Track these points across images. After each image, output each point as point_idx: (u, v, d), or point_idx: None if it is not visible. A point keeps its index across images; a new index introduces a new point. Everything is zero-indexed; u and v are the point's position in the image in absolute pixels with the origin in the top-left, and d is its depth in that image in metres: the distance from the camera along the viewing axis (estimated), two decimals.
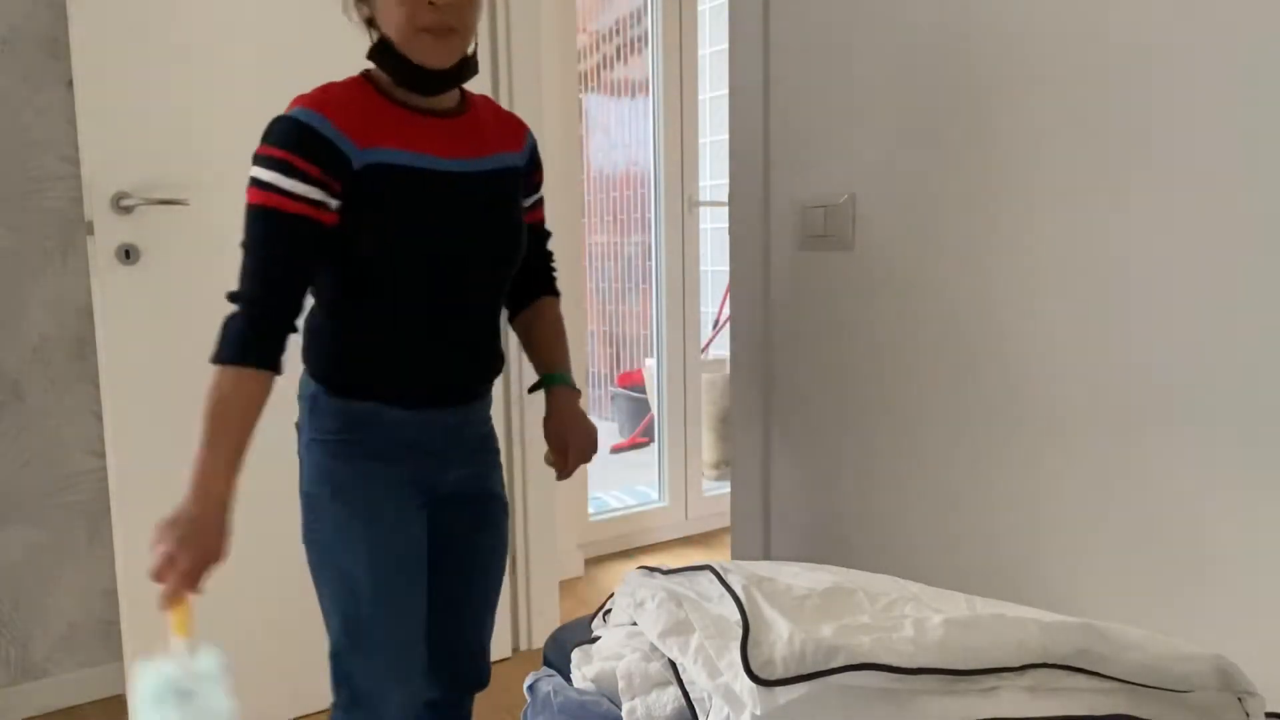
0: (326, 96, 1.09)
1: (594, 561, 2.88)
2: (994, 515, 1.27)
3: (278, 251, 1.06)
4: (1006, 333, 1.24)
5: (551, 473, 2.34)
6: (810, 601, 0.73)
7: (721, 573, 0.73)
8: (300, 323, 1.11)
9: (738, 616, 0.68)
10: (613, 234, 4.53)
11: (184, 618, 0.94)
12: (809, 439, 1.56)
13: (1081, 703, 0.67)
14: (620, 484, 3.46)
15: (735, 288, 1.67)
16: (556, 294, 1.40)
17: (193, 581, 0.99)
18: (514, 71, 2.17)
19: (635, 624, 0.82)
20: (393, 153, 1.09)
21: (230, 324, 1.04)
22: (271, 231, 1.05)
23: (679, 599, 0.73)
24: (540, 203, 1.34)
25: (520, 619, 2.32)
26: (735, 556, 1.75)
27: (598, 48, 4.36)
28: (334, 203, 1.06)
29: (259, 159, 1.05)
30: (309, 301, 1.15)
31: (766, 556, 1.68)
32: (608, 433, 4.39)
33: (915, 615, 0.71)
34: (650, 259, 3.11)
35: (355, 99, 1.10)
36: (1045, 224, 1.18)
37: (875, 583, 0.81)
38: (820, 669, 0.65)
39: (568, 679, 0.92)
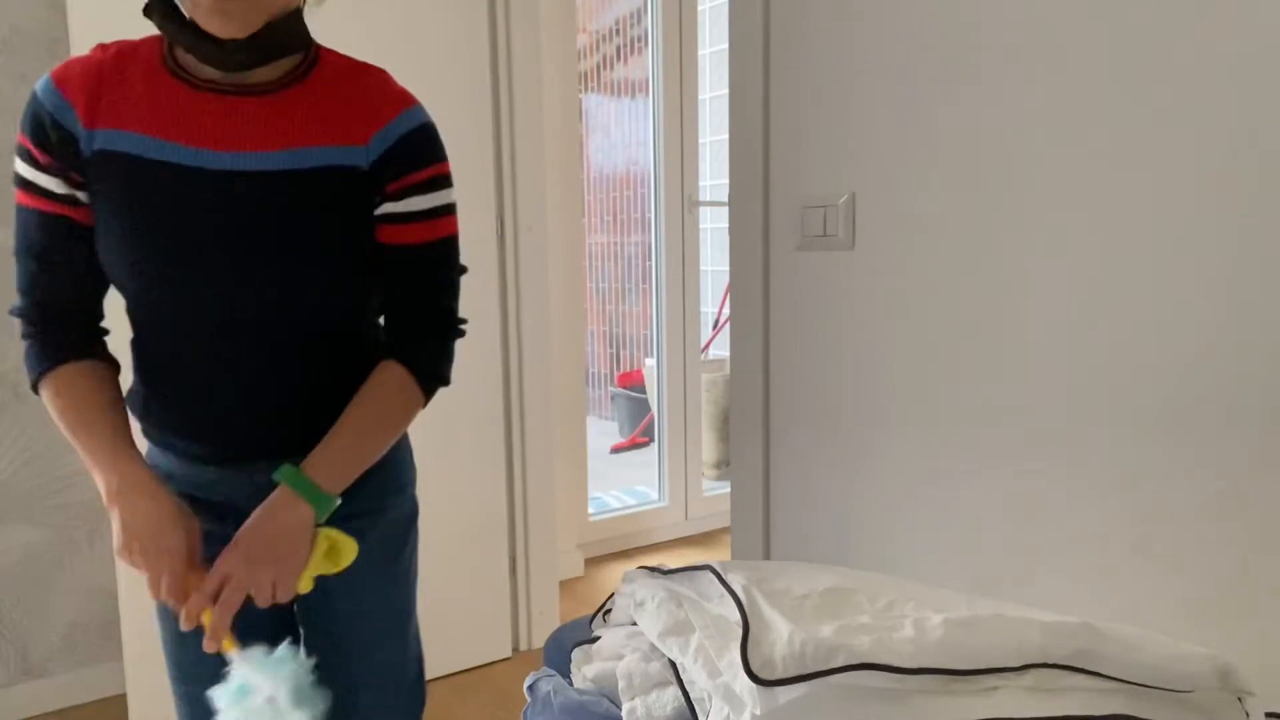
0: (83, 59, 0.91)
1: (594, 561, 2.88)
2: (995, 515, 1.27)
3: (37, 257, 0.91)
4: (1007, 332, 1.24)
5: (552, 472, 2.36)
6: (810, 601, 0.73)
7: (721, 573, 0.73)
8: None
9: (738, 616, 0.68)
10: (613, 234, 4.53)
11: (217, 628, 0.83)
12: (809, 439, 1.56)
13: (1081, 703, 0.67)
14: (620, 484, 3.46)
15: (735, 288, 1.67)
16: (410, 366, 1.00)
17: (179, 591, 0.85)
18: (514, 72, 2.17)
19: (635, 624, 0.82)
20: (122, 136, 0.88)
21: (25, 345, 0.93)
22: (26, 234, 0.91)
23: (679, 599, 0.73)
24: (413, 217, 0.97)
25: (520, 619, 2.32)
26: (735, 556, 1.75)
27: (598, 48, 4.36)
28: (82, 195, 0.89)
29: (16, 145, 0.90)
30: None
31: (766, 557, 1.68)
32: (608, 433, 4.39)
33: (915, 615, 0.71)
34: (650, 259, 3.11)
35: (117, 63, 0.91)
36: (1045, 224, 1.18)
37: (875, 583, 0.81)
38: (820, 669, 0.65)
39: (568, 679, 0.92)
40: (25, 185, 0.89)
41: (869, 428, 1.45)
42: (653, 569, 0.87)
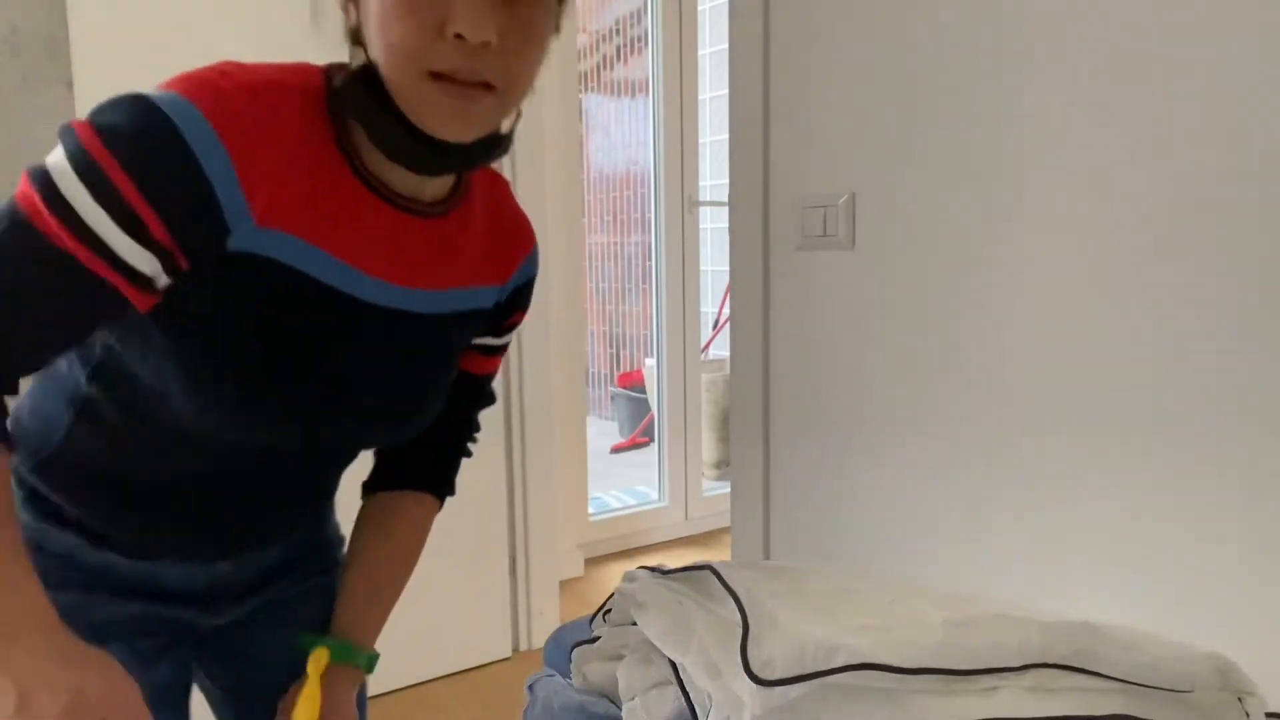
0: (246, 98, 0.67)
1: (594, 561, 2.88)
2: (996, 515, 1.27)
3: (35, 319, 0.63)
4: (1008, 332, 1.24)
5: (552, 472, 2.36)
6: (811, 601, 0.73)
7: (722, 573, 0.73)
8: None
9: (738, 617, 0.68)
10: (612, 234, 4.53)
11: None
12: (809, 439, 1.56)
13: (1081, 703, 0.67)
14: (620, 484, 3.46)
15: (735, 288, 1.67)
16: (440, 495, 0.98)
17: None
18: None
19: (635, 624, 0.82)
20: (298, 245, 0.70)
21: None
22: (41, 276, 0.62)
23: (679, 599, 0.73)
24: (499, 351, 0.94)
25: (520, 619, 2.32)
26: (735, 557, 1.75)
27: (598, 48, 4.36)
28: (164, 280, 0.66)
29: (75, 154, 0.62)
30: None
31: (766, 557, 1.68)
32: (608, 433, 4.39)
33: (915, 615, 0.71)
34: (650, 259, 3.11)
35: (293, 124, 0.70)
36: (1046, 223, 1.18)
37: (875, 583, 0.81)
38: (820, 669, 0.65)
39: (568, 679, 0.92)
40: (85, 235, 0.61)
41: (870, 428, 1.45)
42: (653, 569, 0.87)
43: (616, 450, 4.21)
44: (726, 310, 3.83)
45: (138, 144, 0.62)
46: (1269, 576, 1.00)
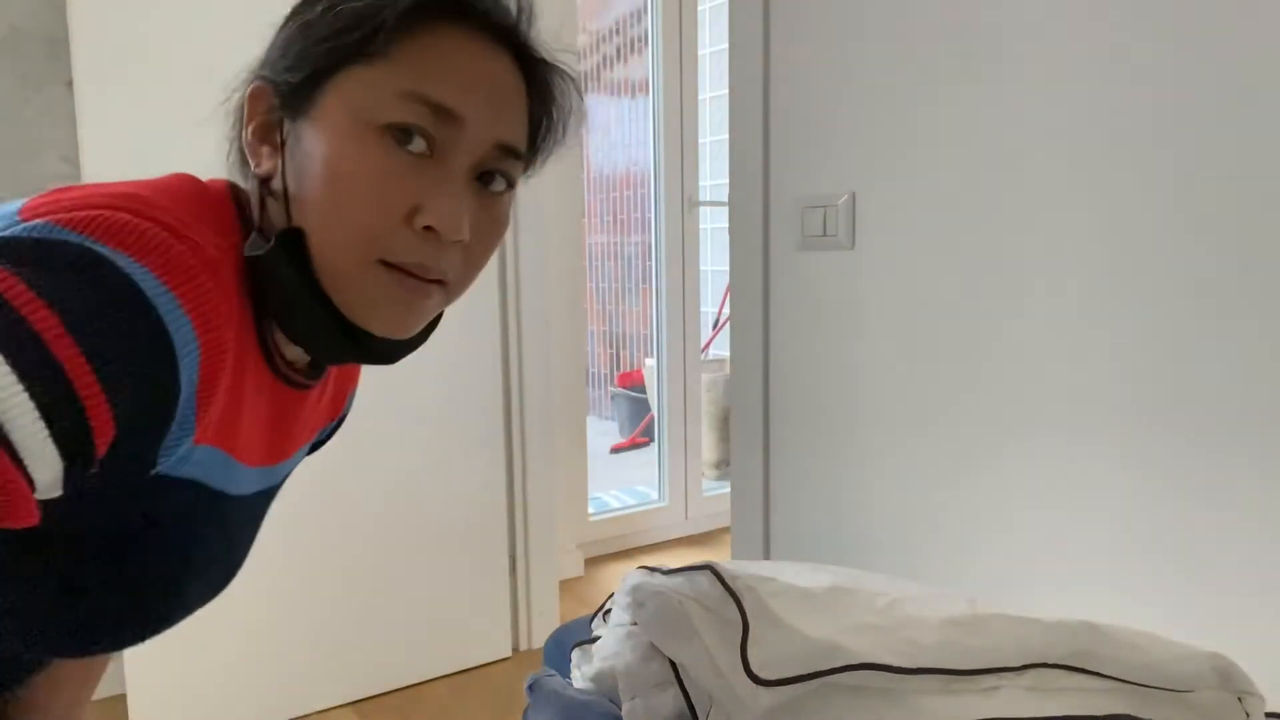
0: (208, 273, 0.52)
1: (594, 561, 2.88)
2: (996, 515, 1.27)
3: None
4: (1008, 332, 1.24)
5: (552, 471, 2.36)
6: (810, 601, 0.73)
7: (721, 573, 0.73)
8: None
9: (737, 617, 0.68)
10: (613, 234, 4.53)
11: None
12: (809, 440, 1.56)
13: (1081, 703, 0.67)
14: (620, 484, 3.46)
15: (735, 288, 1.67)
16: None
17: None
18: None
19: (635, 624, 0.82)
20: (216, 457, 0.60)
21: None
22: None
23: (679, 599, 0.73)
24: None
25: (520, 619, 2.32)
26: (735, 557, 1.75)
27: (598, 48, 4.36)
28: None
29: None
30: None
31: (766, 557, 1.68)
32: (608, 433, 4.39)
33: (915, 615, 0.71)
34: (650, 259, 3.11)
35: (232, 305, 0.56)
36: (1047, 222, 1.18)
37: (875, 583, 0.81)
38: (820, 669, 0.65)
39: (568, 679, 0.92)
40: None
41: (870, 428, 1.45)
42: (652, 569, 0.87)
43: (616, 450, 4.21)
44: (727, 310, 3.83)
45: (100, 322, 0.45)
46: (1270, 575, 1.00)
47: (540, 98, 0.67)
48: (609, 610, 0.93)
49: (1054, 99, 1.16)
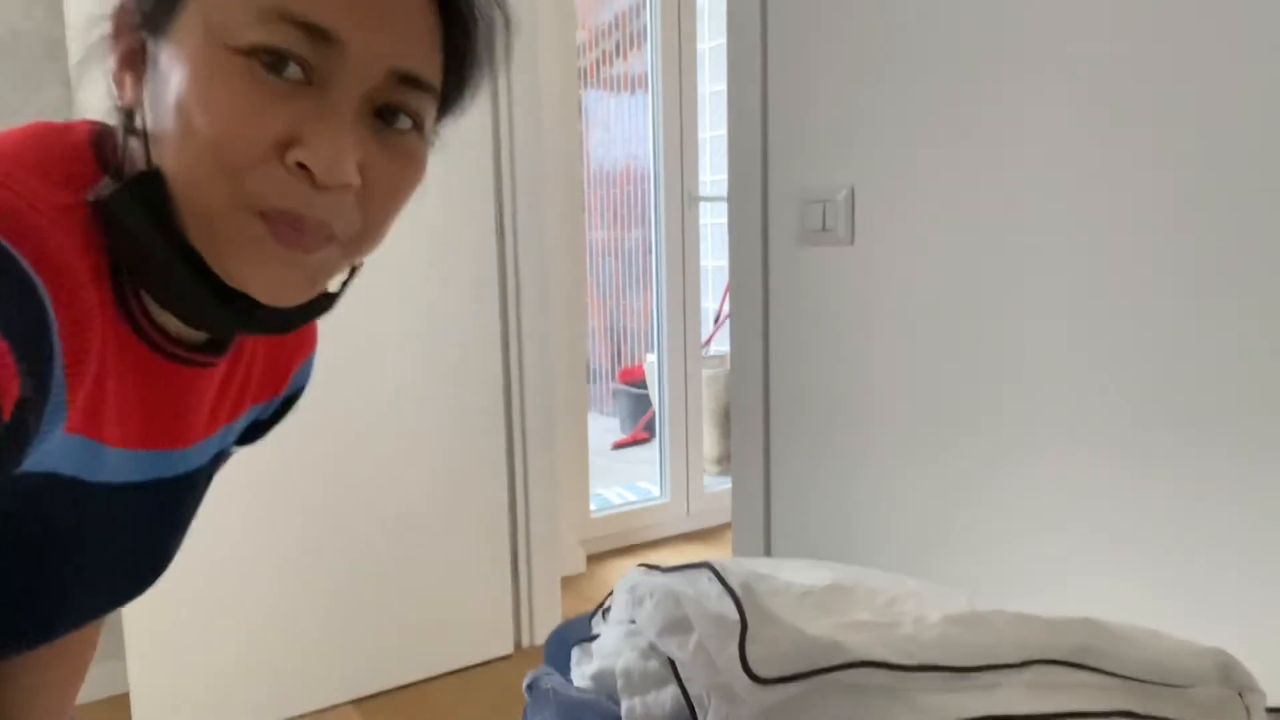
0: (57, 230, 0.48)
1: (596, 558, 2.88)
2: (996, 513, 1.27)
3: None
4: (1009, 328, 1.23)
5: (553, 468, 2.36)
6: (809, 599, 0.72)
7: (720, 571, 0.73)
8: None
9: (735, 615, 0.68)
10: (613, 229, 4.53)
11: None
12: (810, 435, 1.56)
13: (1082, 699, 0.66)
14: (622, 480, 3.46)
15: (735, 283, 1.67)
16: None
17: None
18: (512, 70, 2.17)
19: (634, 622, 0.81)
20: (81, 445, 0.53)
21: None
22: None
23: (677, 597, 0.73)
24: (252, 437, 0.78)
25: (522, 616, 2.32)
26: (736, 553, 1.74)
27: (597, 44, 4.35)
28: None
29: None
30: None
31: (768, 553, 1.68)
32: (609, 429, 4.39)
33: (915, 612, 0.70)
34: (650, 254, 3.11)
35: (87, 263, 0.49)
36: (1047, 219, 1.18)
37: (875, 579, 0.81)
38: (819, 666, 0.64)
39: (568, 677, 0.92)
40: None
41: (870, 424, 1.44)
42: (651, 567, 0.87)
43: (618, 446, 4.21)
44: (727, 306, 3.82)
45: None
46: (1270, 579, 1.00)
47: (455, 16, 0.55)
48: (609, 608, 0.93)
49: (1055, 92, 1.15)
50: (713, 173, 3.59)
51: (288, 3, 0.48)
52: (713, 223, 3.58)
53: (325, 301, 0.59)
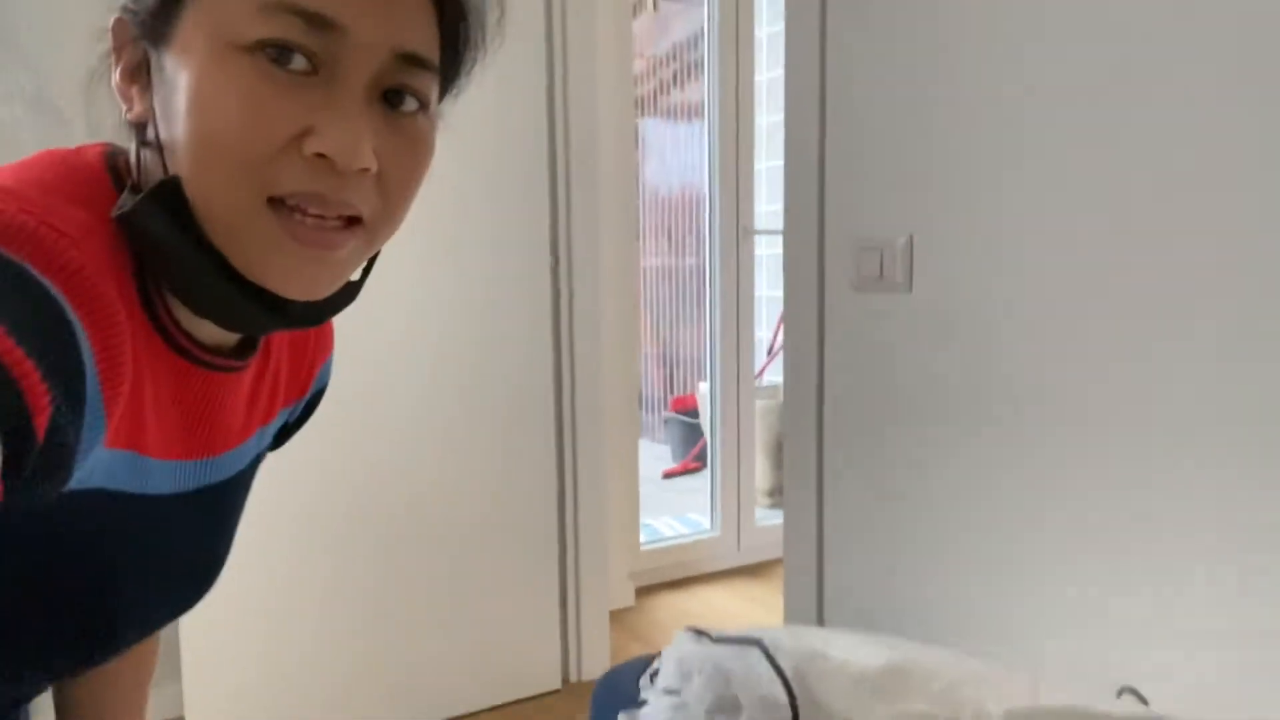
0: (78, 250, 0.47)
1: (645, 591, 2.86)
2: (1057, 565, 1.23)
3: None
4: (1069, 380, 1.19)
5: (603, 499, 2.35)
6: (864, 683, 0.70)
7: (771, 650, 0.71)
8: None
9: (785, 700, 0.66)
10: (667, 256, 4.53)
11: None
12: (863, 483, 1.52)
13: None
14: (672, 510, 3.43)
15: (789, 326, 1.65)
16: None
17: None
18: (570, 97, 2.18)
19: (680, 693, 0.80)
20: (126, 459, 0.54)
21: None
22: None
23: (727, 675, 0.71)
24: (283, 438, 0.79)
25: (570, 650, 2.31)
26: (787, 605, 1.71)
27: (654, 73, 4.37)
28: None
29: None
30: None
31: (819, 599, 1.65)
32: (660, 457, 4.37)
33: (975, 703, 0.68)
34: (704, 283, 3.10)
35: (113, 277, 0.50)
36: (1108, 276, 1.14)
37: (933, 659, 0.78)
38: None
39: None
40: None
41: (924, 474, 1.41)
42: (701, 632, 0.85)
43: (669, 475, 4.18)
44: (781, 337, 3.79)
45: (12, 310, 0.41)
46: None
47: None
48: (657, 670, 0.91)
49: (1120, 147, 1.12)
50: (768, 203, 3.57)
51: None
52: (767, 254, 3.55)
53: (351, 290, 0.60)
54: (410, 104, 0.54)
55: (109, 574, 0.57)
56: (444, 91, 0.59)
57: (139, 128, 0.54)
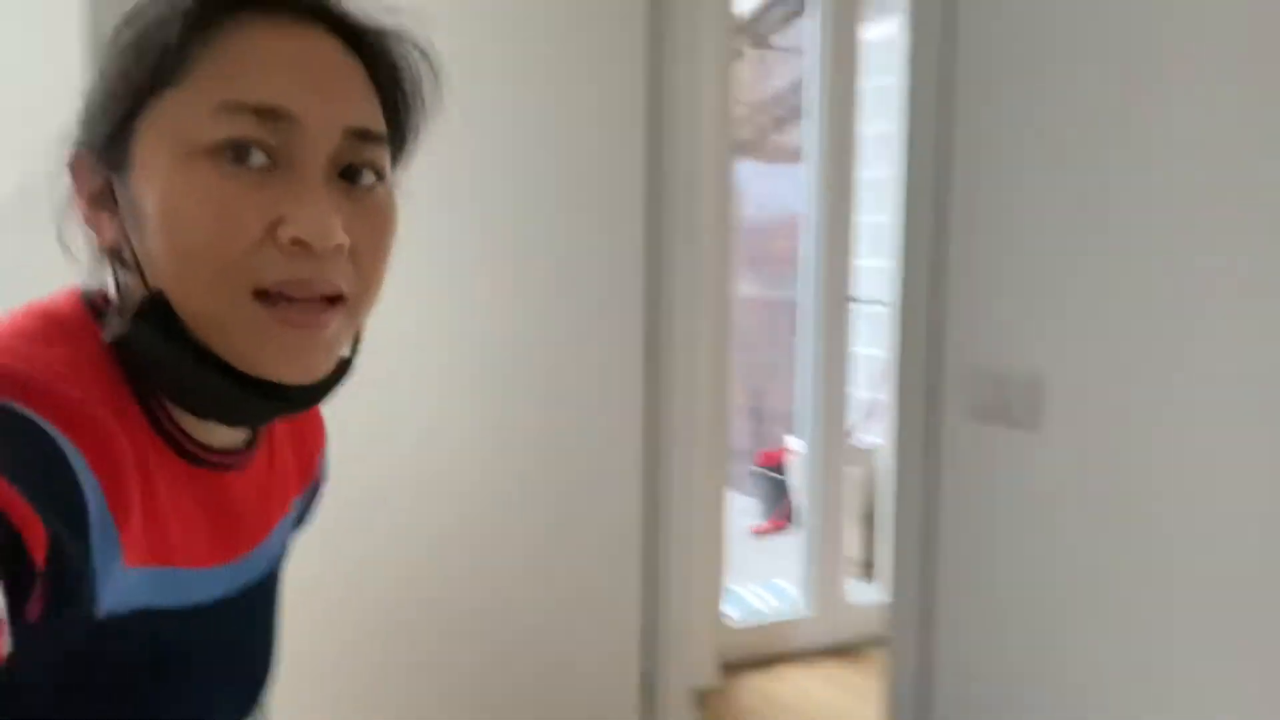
0: (66, 383, 0.49)
1: (731, 669, 2.72)
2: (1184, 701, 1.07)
3: None
4: (1198, 536, 1.06)
5: (685, 570, 2.23)
6: None
7: None
8: None
9: None
10: (762, 307, 4.40)
11: None
12: (975, 618, 1.39)
13: None
14: (759, 574, 3.30)
15: (899, 453, 1.53)
16: None
17: None
18: (672, 140, 2.12)
19: None
20: (155, 575, 0.54)
21: None
22: None
23: None
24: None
25: None
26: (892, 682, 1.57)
27: (753, 119, 4.28)
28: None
29: None
30: None
31: (926, 687, 1.50)
32: (747, 512, 4.22)
33: None
34: (798, 335, 2.96)
35: (113, 411, 0.52)
36: (1249, 424, 1.00)
37: None
38: None
39: None
40: None
41: (1042, 620, 1.28)
42: None
43: (756, 534, 4.04)
44: (878, 395, 3.63)
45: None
46: None
47: (381, 69, 0.59)
48: None
49: (1256, 288, 0.98)
50: (869, 257, 3.42)
51: (239, 95, 0.51)
52: (866, 311, 3.39)
53: (344, 367, 0.61)
54: (368, 177, 0.57)
55: (172, 689, 0.58)
56: (395, 159, 0.62)
57: (113, 252, 0.56)
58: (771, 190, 4.32)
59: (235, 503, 0.62)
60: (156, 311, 0.52)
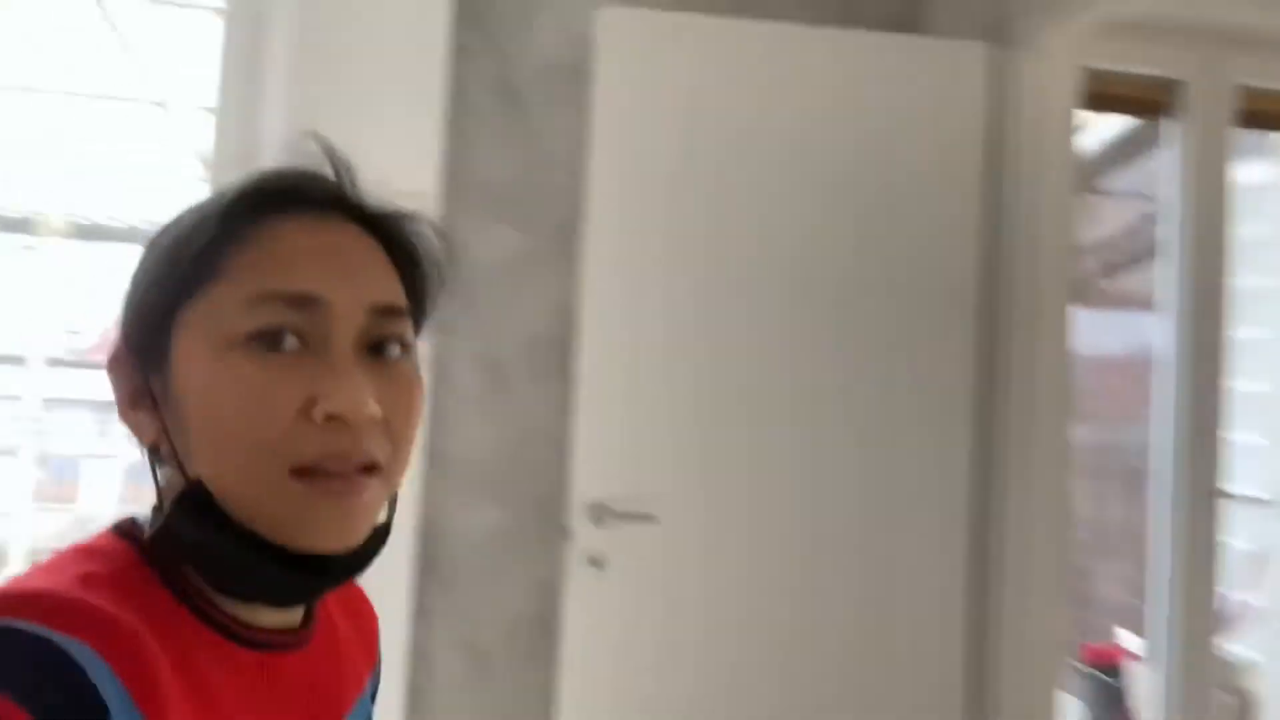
0: (95, 610, 0.50)
1: None
2: None
3: None
4: None
5: None
6: None
7: None
8: None
9: None
10: (1096, 479, 3.87)
11: None
12: None
13: None
14: None
15: None
16: None
17: None
18: (1008, 292, 2.12)
19: None
20: None
21: None
22: None
23: None
24: None
25: None
26: None
27: (1095, 258, 3.92)
28: None
29: None
30: None
31: None
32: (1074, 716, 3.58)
33: None
34: (1153, 527, 2.49)
35: (160, 633, 0.53)
36: None
37: None
38: None
39: None
40: None
41: None
42: None
43: None
44: (1257, 599, 2.99)
45: (18, 681, 0.46)
46: None
47: (398, 247, 0.64)
48: None
49: None
50: (1249, 379, 2.82)
51: (271, 285, 0.56)
52: (1239, 494, 2.82)
53: (382, 533, 0.62)
54: (394, 350, 0.60)
55: None
56: (418, 327, 0.65)
57: (153, 450, 0.59)
58: (1100, 338, 3.88)
59: (309, 682, 0.64)
60: (197, 499, 0.55)
